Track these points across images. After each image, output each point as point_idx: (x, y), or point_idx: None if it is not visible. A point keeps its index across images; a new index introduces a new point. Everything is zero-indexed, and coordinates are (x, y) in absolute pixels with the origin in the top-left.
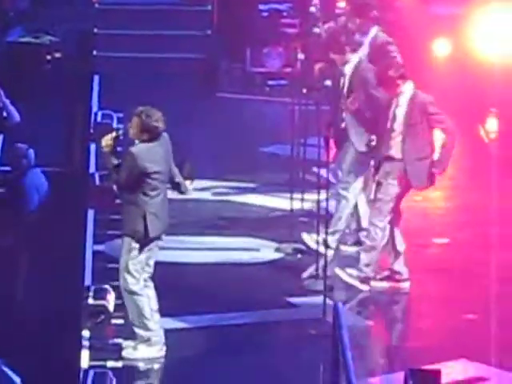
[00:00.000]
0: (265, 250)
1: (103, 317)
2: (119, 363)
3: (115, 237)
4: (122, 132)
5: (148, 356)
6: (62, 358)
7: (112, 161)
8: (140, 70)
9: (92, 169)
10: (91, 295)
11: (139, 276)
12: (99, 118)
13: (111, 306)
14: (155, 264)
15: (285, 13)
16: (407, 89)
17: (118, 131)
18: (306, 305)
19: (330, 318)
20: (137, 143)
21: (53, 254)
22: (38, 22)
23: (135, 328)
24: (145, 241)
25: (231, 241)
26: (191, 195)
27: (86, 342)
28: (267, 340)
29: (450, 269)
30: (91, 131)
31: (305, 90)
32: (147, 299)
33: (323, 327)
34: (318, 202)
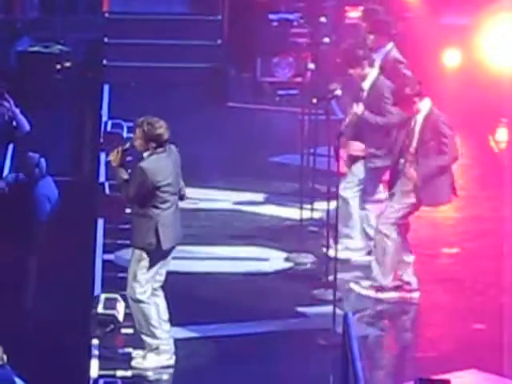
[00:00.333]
0: (274, 260)
1: (113, 326)
2: (129, 373)
3: (125, 246)
4: (130, 144)
5: (157, 365)
6: (72, 368)
7: (121, 175)
8: (150, 80)
9: (102, 178)
10: (101, 304)
11: (147, 285)
12: (109, 128)
13: (121, 316)
14: (166, 273)
15: (295, 22)
16: (424, 106)
17: (125, 144)
18: (316, 315)
19: (340, 328)
20: (145, 156)
21: (63, 263)
22: (48, 32)
23: (143, 336)
24: (157, 253)
25: (241, 250)
26: (201, 205)
27: (96, 352)
28: (276, 350)
29: (460, 279)
30: (101, 140)
31: (315, 100)
32: (154, 307)
33: (333, 337)
34: (328, 212)
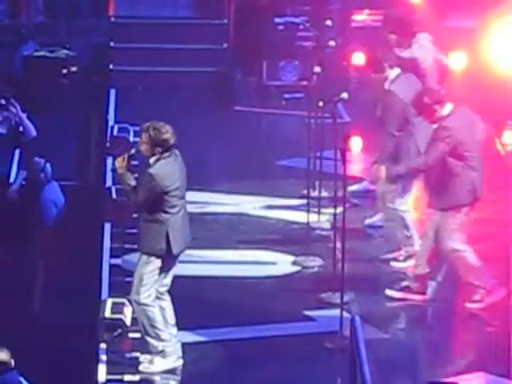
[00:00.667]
0: (282, 264)
1: (120, 331)
2: (136, 377)
3: (132, 251)
4: (136, 149)
5: (164, 368)
6: (79, 372)
7: (128, 181)
8: (156, 84)
9: (108, 182)
10: (108, 309)
11: (152, 289)
12: (115, 132)
13: (128, 320)
14: (172, 277)
15: (301, 26)
16: (446, 112)
17: (131, 150)
18: (323, 318)
19: (348, 332)
20: (152, 161)
21: (70, 268)
22: (54, 36)
23: (148, 338)
24: (167, 257)
25: (248, 254)
26: (208, 209)
27: (103, 356)
28: (284, 353)
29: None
30: (107, 145)
31: (321, 103)
32: (159, 310)
33: (340, 341)
34: (335, 215)
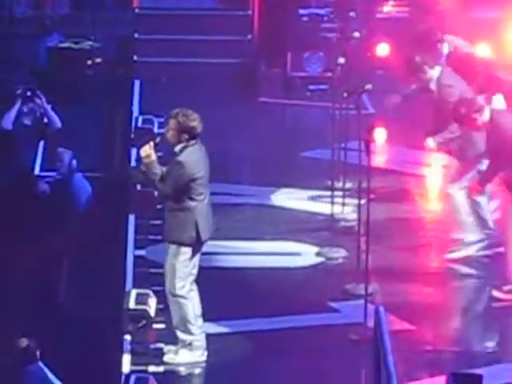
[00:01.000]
0: (306, 255)
1: (145, 322)
2: (161, 368)
3: (156, 242)
4: (160, 138)
5: (189, 361)
6: (104, 363)
7: (154, 170)
8: (180, 75)
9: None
10: (132, 300)
11: (186, 279)
12: (140, 123)
13: (152, 311)
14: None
15: (325, 17)
16: (486, 117)
17: (156, 138)
18: (348, 309)
19: (372, 323)
20: (177, 150)
21: (94, 259)
22: (78, 28)
23: (178, 332)
24: (195, 245)
25: (272, 245)
26: (232, 200)
27: (128, 347)
28: (308, 344)
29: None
30: (132, 136)
31: (345, 94)
32: (192, 304)
33: (364, 332)
34: (359, 207)
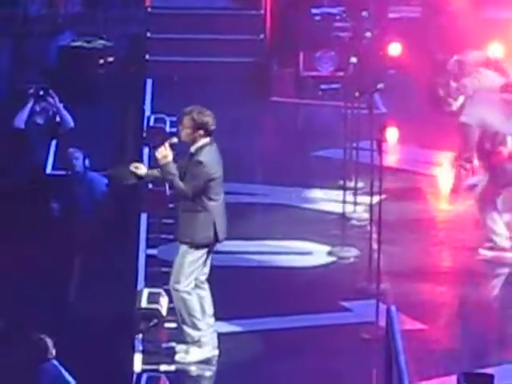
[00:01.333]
0: (317, 254)
1: (156, 321)
2: (172, 367)
3: (168, 241)
4: (175, 138)
5: (200, 358)
6: (115, 362)
7: (171, 170)
8: (192, 74)
9: None
10: (144, 299)
11: (191, 277)
12: (152, 122)
13: (164, 310)
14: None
15: (337, 16)
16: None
17: (172, 139)
18: (359, 308)
19: (383, 322)
20: (193, 150)
21: (106, 258)
22: (91, 26)
23: (185, 327)
24: (211, 246)
25: (284, 244)
26: (243, 199)
27: (140, 346)
28: (320, 344)
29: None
30: (144, 135)
31: (357, 94)
32: (197, 299)
33: (376, 331)
34: (371, 206)
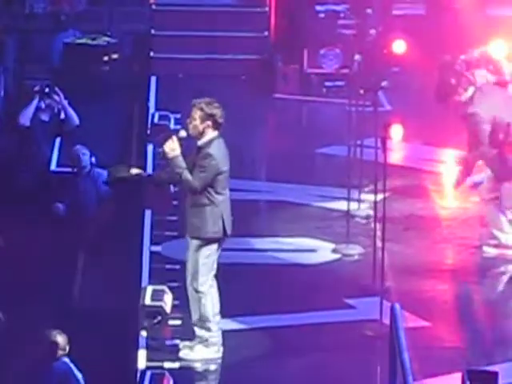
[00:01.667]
0: (322, 251)
1: (160, 318)
2: (176, 364)
3: (172, 238)
4: (183, 132)
5: (205, 357)
6: (119, 359)
7: (180, 164)
8: (197, 71)
9: (149, 170)
10: (148, 296)
11: (208, 275)
12: (156, 119)
13: (168, 307)
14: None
15: (342, 14)
16: None
17: (179, 133)
18: (363, 306)
19: (387, 319)
20: (201, 143)
21: (110, 255)
22: (95, 23)
23: (196, 328)
24: (219, 240)
25: (288, 242)
26: (247, 196)
27: (144, 343)
28: (324, 341)
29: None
30: (148, 132)
31: (362, 91)
32: (211, 300)
33: (380, 328)
34: (375, 203)
